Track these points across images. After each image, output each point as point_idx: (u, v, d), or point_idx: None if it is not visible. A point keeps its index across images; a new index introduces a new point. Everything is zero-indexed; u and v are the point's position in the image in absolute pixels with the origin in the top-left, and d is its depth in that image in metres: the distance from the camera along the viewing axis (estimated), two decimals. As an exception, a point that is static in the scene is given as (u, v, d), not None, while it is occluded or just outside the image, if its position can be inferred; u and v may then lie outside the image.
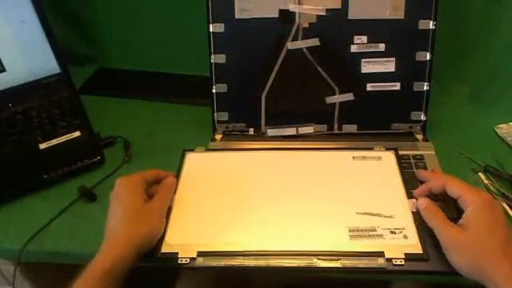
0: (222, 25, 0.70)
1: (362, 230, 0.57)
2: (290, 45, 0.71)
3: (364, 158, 0.67)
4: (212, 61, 0.72)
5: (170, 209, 0.60)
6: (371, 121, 0.74)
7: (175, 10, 0.86)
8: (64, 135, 0.73)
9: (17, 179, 0.68)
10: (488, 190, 0.65)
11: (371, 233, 0.57)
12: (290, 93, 0.73)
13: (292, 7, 0.69)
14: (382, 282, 0.73)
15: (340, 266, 0.54)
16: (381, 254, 0.54)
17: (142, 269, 0.54)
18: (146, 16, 0.88)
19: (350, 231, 0.57)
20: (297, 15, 0.69)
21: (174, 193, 0.63)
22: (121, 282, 0.50)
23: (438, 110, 0.76)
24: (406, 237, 0.56)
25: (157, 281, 0.70)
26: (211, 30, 0.71)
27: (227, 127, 0.76)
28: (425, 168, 0.67)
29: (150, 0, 0.86)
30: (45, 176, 0.68)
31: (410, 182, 0.63)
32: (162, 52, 0.91)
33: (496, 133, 0.75)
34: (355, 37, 0.70)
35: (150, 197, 0.59)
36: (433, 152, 0.70)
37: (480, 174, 0.67)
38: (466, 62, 0.83)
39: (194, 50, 0.76)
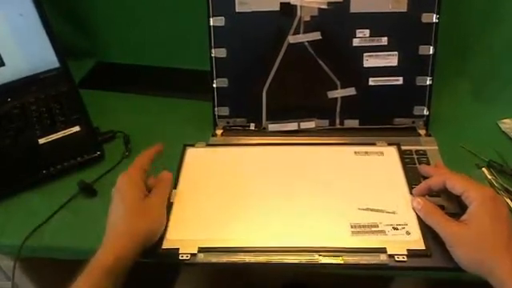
0: (223, 18, 0.70)
1: (363, 226, 0.57)
2: (291, 38, 0.70)
3: (366, 153, 0.67)
4: (212, 55, 0.71)
5: (170, 204, 0.60)
6: (373, 116, 0.73)
7: (175, 4, 0.85)
8: (63, 130, 0.72)
9: (15, 174, 0.68)
10: (491, 185, 0.64)
11: (373, 229, 0.56)
12: (292, 87, 0.73)
13: (293, 0, 0.68)
14: (383, 281, 0.73)
15: (342, 262, 0.54)
16: (383, 250, 0.54)
17: (143, 266, 0.54)
18: (146, 9, 0.87)
19: (351, 227, 0.57)
20: (298, 8, 0.69)
21: (175, 187, 0.63)
22: (122, 279, 0.50)
23: (441, 104, 0.75)
24: (408, 233, 0.56)
25: (157, 278, 0.69)
26: (211, 24, 0.70)
27: (228, 122, 0.75)
28: (428, 163, 0.66)
29: (149, -7, 0.86)
30: (44, 171, 0.68)
31: (413, 178, 0.63)
32: (162, 46, 0.90)
33: (499, 127, 0.74)
34: (357, 30, 0.69)
35: (149, 189, 0.59)
36: (436, 147, 0.70)
37: (483, 169, 0.66)
38: (468, 56, 0.82)
39: (194, 44, 0.76)
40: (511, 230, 0.50)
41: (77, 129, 0.73)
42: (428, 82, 0.71)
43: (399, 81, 0.71)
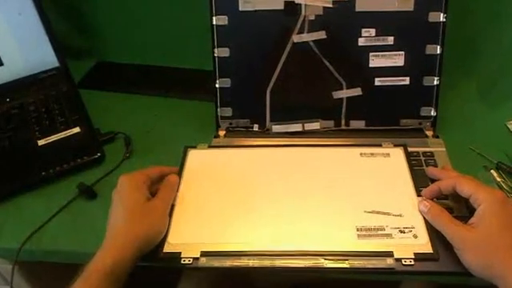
0: (226, 17, 0.69)
1: (370, 229, 0.56)
2: (295, 38, 0.69)
3: (372, 154, 0.66)
4: (215, 54, 0.70)
5: (172, 207, 0.59)
6: (379, 116, 0.72)
7: (175, 4, 0.85)
8: (63, 131, 0.72)
9: (14, 176, 0.67)
10: (500, 187, 0.63)
11: (380, 232, 0.56)
12: (296, 87, 0.72)
13: (298, -1, 0.67)
14: (390, 285, 0.72)
15: (347, 266, 0.53)
16: (390, 254, 0.53)
17: (144, 269, 0.53)
18: (146, 9, 0.87)
19: (357, 230, 0.56)
20: (303, 7, 0.68)
21: (177, 191, 0.61)
22: (121, 282, 0.49)
23: (448, 105, 0.74)
24: (415, 236, 0.55)
25: (158, 281, 0.69)
26: (214, 23, 0.69)
27: (231, 123, 0.74)
28: (435, 165, 0.65)
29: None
30: (43, 173, 0.67)
31: (420, 180, 0.62)
32: (164, 45, 0.89)
33: (508, 128, 0.73)
34: (363, 29, 0.68)
35: (154, 195, 0.58)
36: (443, 149, 0.69)
37: (492, 171, 0.65)
38: (475, 56, 0.81)
39: (196, 43, 0.75)
40: (520, 233, 0.49)
41: (77, 130, 0.72)
42: (435, 83, 0.70)
43: (406, 81, 0.70)
